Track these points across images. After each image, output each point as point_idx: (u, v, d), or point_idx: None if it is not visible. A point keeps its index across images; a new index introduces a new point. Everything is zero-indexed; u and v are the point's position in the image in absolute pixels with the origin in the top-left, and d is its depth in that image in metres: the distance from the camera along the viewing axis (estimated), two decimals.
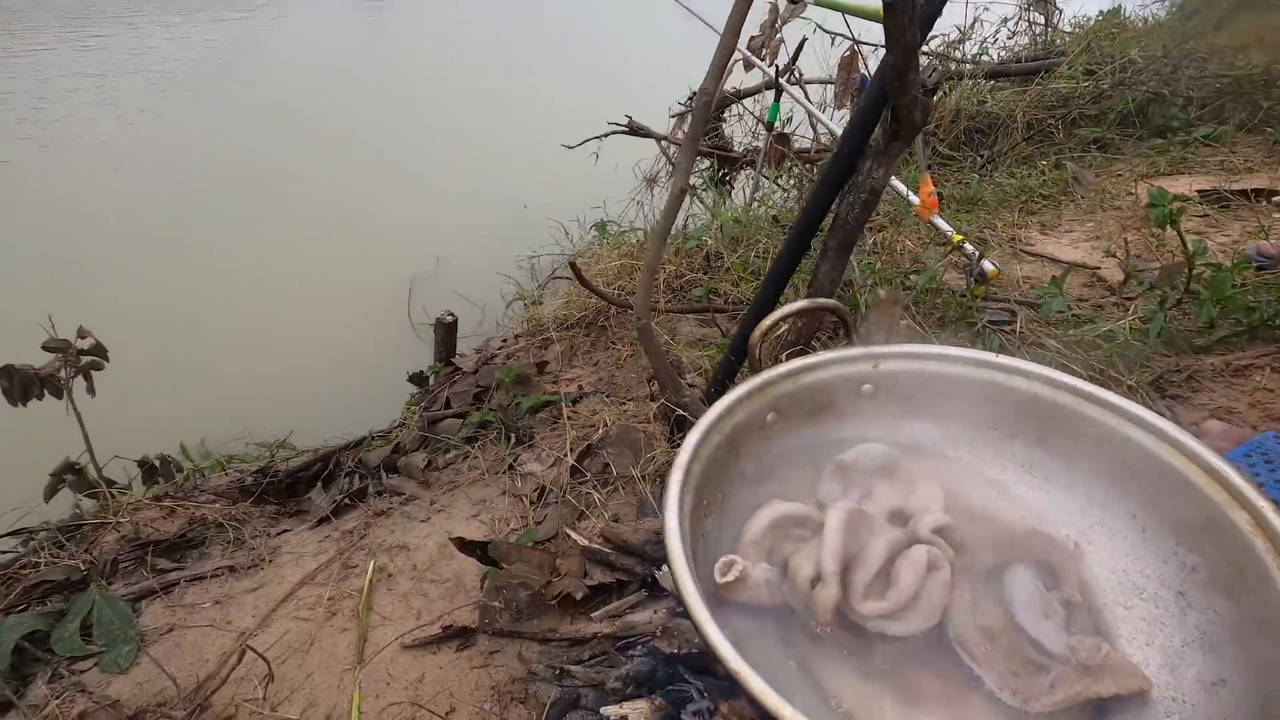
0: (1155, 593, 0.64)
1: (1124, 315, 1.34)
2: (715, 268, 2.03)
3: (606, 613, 0.98)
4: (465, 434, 1.70)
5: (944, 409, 0.79)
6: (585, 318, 2.09)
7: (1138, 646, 0.62)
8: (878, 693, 0.60)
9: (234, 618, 1.19)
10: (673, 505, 0.62)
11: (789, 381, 0.77)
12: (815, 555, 0.65)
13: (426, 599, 1.16)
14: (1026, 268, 1.77)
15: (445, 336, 2.11)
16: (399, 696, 0.96)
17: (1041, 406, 0.74)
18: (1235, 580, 0.58)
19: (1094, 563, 0.68)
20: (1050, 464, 0.75)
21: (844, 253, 1.03)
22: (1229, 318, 1.25)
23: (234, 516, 1.54)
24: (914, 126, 0.88)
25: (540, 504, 1.37)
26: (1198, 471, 0.62)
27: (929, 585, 0.64)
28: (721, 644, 0.49)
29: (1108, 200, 2.14)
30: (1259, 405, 1.13)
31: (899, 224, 1.99)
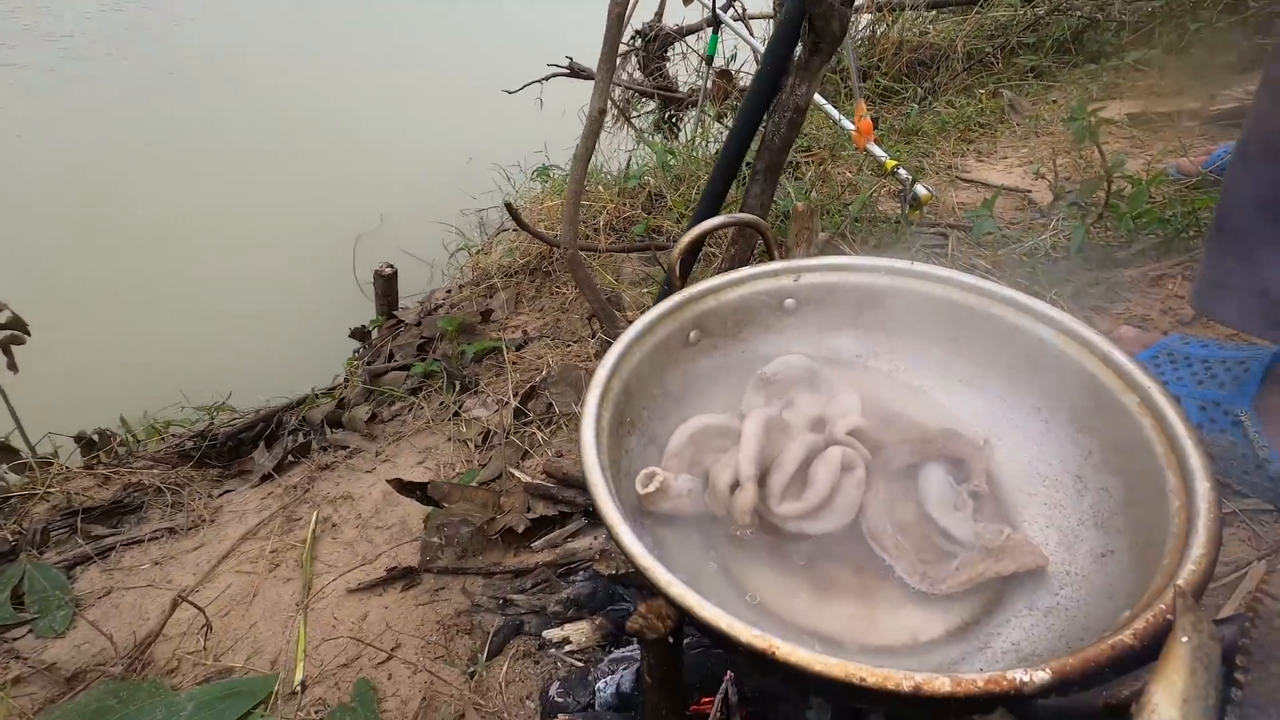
0: (1056, 478, 0.67)
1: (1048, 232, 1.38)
2: (658, 207, 2.01)
3: (547, 542, 0.99)
4: (410, 385, 1.68)
5: (865, 320, 0.81)
6: (529, 264, 2.06)
7: (1039, 528, 0.65)
8: (795, 587, 0.62)
9: (174, 576, 1.17)
10: (589, 420, 0.62)
11: (711, 298, 0.77)
12: (734, 463, 0.66)
13: (372, 545, 1.15)
14: (962, 194, 1.79)
15: (386, 289, 2.06)
16: (344, 639, 0.96)
17: (955, 311, 0.75)
18: (1124, 459, 0.61)
19: (1001, 455, 0.71)
20: (963, 367, 0.77)
21: (772, 174, 1.02)
22: (1146, 231, 1.30)
23: (174, 481, 1.50)
24: (833, 38, 0.87)
25: (486, 447, 1.36)
26: (1093, 360, 0.65)
27: (844, 484, 0.66)
28: (627, 537, 0.50)
29: (1042, 127, 2.17)
30: (1171, 312, 1.18)
31: (837, 156, 1.99)
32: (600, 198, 2.01)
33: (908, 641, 0.59)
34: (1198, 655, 0.32)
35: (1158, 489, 0.55)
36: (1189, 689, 0.32)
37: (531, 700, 0.82)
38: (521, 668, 0.87)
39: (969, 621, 0.60)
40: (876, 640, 0.59)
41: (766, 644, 0.44)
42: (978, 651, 0.57)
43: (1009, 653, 0.56)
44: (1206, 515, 0.49)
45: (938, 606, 0.61)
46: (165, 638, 1.03)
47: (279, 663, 0.95)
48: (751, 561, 0.65)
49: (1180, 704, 0.31)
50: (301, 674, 0.90)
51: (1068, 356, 0.67)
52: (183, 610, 1.07)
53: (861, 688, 0.41)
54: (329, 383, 1.96)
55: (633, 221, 1.96)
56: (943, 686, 0.41)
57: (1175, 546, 0.49)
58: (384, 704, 0.86)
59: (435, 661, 0.90)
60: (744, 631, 0.45)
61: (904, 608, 0.61)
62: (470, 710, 0.83)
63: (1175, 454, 0.55)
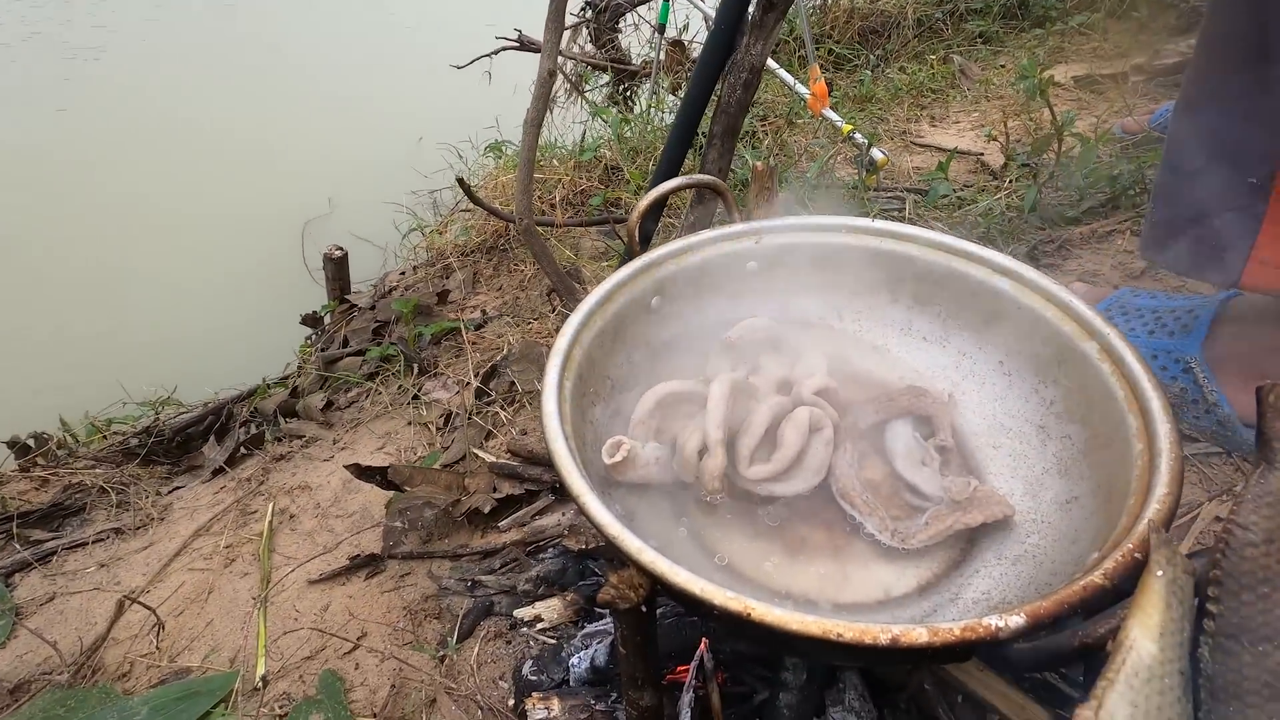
0: (1019, 430, 0.68)
1: (1002, 193, 1.39)
2: (615, 180, 1.98)
3: (514, 520, 0.97)
4: (366, 370, 1.63)
5: (828, 280, 0.80)
6: (486, 242, 2.01)
7: (1004, 479, 0.66)
8: (767, 549, 0.62)
9: (123, 578, 1.12)
10: (551, 390, 0.60)
11: (672, 263, 0.75)
12: (702, 428, 0.64)
13: (332, 534, 1.12)
14: (917, 159, 1.80)
15: (337, 273, 1.99)
16: (307, 630, 0.93)
17: (917, 268, 0.75)
18: (1086, 406, 0.61)
19: (966, 410, 0.71)
20: (927, 324, 0.77)
21: (729, 137, 1.00)
22: (1095, 188, 1.32)
23: (119, 480, 1.43)
24: None
25: (447, 429, 1.33)
26: (1053, 309, 0.65)
27: (813, 445, 0.65)
28: (594, 506, 0.48)
29: (992, 91, 2.19)
30: (1120, 266, 1.20)
31: (793, 124, 1.98)
32: (555, 172, 1.96)
33: (880, 597, 0.59)
34: (1172, 589, 0.32)
35: (1120, 433, 0.55)
36: (1165, 622, 0.32)
37: (505, 680, 0.81)
38: (493, 649, 0.85)
39: (939, 574, 0.60)
40: (849, 597, 0.59)
41: (741, 606, 0.43)
42: (949, 603, 0.57)
43: (979, 602, 0.57)
44: (1169, 454, 0.49)
45: (908, 561, 0.61)
46: (115, 641, 0.98)
47: (239, 660, 0.92)
48: (722, 526, 0.64)
49: (1158, 637, 0.31)
50: (263, 669, 0.87)
51: (1028, 308, 0.67)
52: (135, 612, 1.02)
53: (839, 643, 0.41)
54: (281, 372, 1.89)
55: (589, 195, 1.92)
56: (920, 637, 0.40)
57: (1140, 487, 0.49)
58: (352, 694, 0.84)
59: (403, 648, 0.88)
60: (717, 594, 0.43)
61: (875, 564, 0.61)
62: (442, 694, 0.81)
63: (1136, 397, 0.55)
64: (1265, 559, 0.32)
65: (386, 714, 0.80)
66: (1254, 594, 0.32)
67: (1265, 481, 0.33)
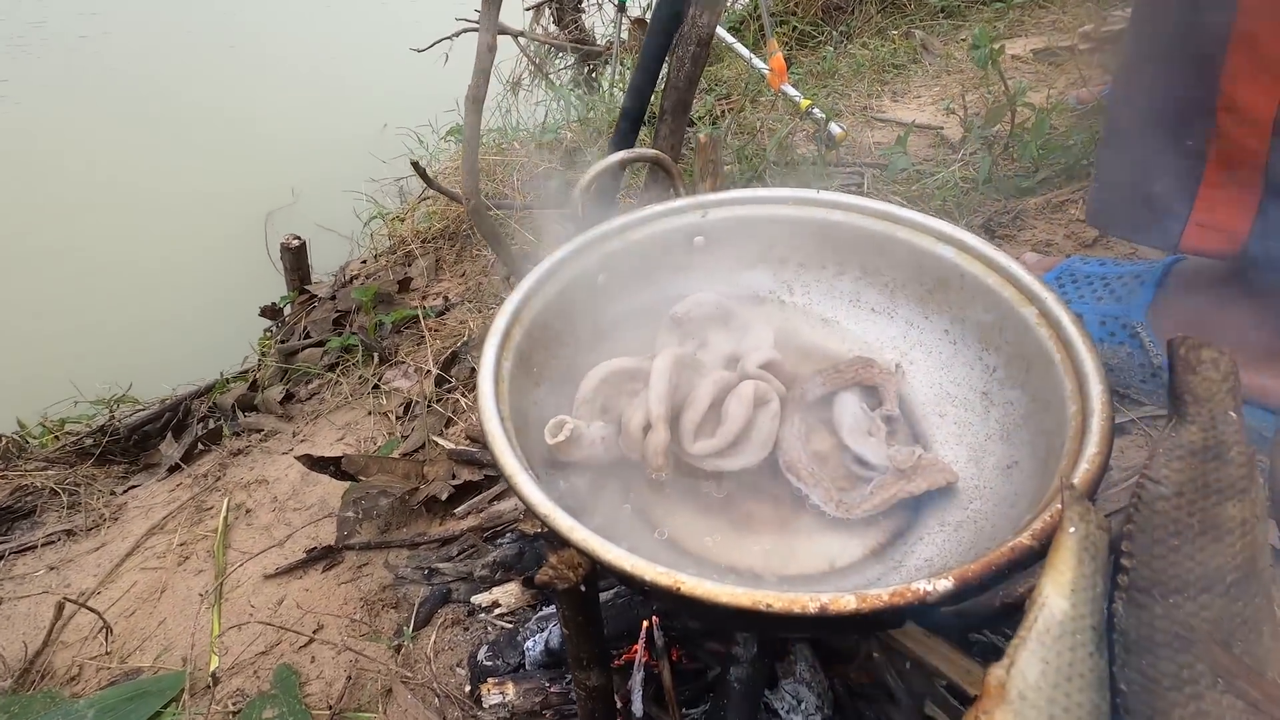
0: (964, 397, 0.68)
1: (959, 165, 1.39)
2: (577, 162, 1.95)
3: (471, 507, 0.96)
4: (327, 361, 1.60)
5: (776, 254, 0.79)
6: (449, 228, 1.98)
7: (950, 447, 0.66)
8: (712, 525, 0.61)
9: (73, 580, 1.09)
10: (488, 369, 0.58)
11: (617, 239, 0.74)
12: (645, 404, 0.63)
13: (289, 527, 1.09)
14: (878, 134, 1.80)
15: (295, 262, 1.95)
16: (261, 626, 0.91)
17: (863, 238, 0.74)
18: (1026, 371, 0.62)
19: (913, 379, 0.71)
20: (875, 295, 0.76)
21: (680, 113, 0.99)
22: (1049, 159, 1.32)
23: (71, 481, 1.39)
24: None
25: (408, 418, 1.31)
26: (994, 276, 0.65)
27: (759, 419, 0.65)
28: (525, 485, 0.48)
29: (953, 65, 2.19)
30: (1073, 236, 1.21)
31: (755, 102, 1.97)
32: (517, 154, 1.93)
33: (825, 568, 0.59)
34: (1084, 545, 0.32)
35: (1057, 396, 0.56)
36: (1077, 579, 0.31)
37: (461, 668, 0.80)
38: (450, 636, 0.84)
39: (884, 543, 0.60)
40: (795, 569, 0.58)
41: (671, 580, 0.42)
42: (893, 570, 0.57)
43: (922, 568, 0.57)
44: (1100, 415, 0.49)
45: (854, 531, 0.61)
46: (64, 645, 0.96)
47: (191, 658, 0.90)
48: (668, 504, 0.63)
49: (1069, 593, 0.31)
50: (215, 665, 0.85)
51: (971, 275, 0.67)
52: (85, 614, 1.00)
53: (769, 614, 0.40)
54: (240, 366, 1.85)
55: (550, 177, 1.90)
56: (848, 604, 0.40)
57: (1072, 449, 0.49)
58: (307, 687, 0.82)
59: (360, 639, 0.87)
60: (648, 570, 0.43)
61: (821, 535, 0.61)
62: (398, 684, 0.80)
63: (1071, 360, 0.56)
64: (1176, 512, 0.32)
65: (342, 706, 0.79)
66: (1165, 546, 0.32)
67: (1176, 435, 0.33)
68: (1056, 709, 0.30)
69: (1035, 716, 0.30)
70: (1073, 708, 0.30)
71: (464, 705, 0.77)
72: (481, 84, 0.83)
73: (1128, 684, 0.32)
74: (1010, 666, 0.30)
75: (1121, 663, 0.32)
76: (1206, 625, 0.31)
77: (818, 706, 0.63)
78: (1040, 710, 0.30)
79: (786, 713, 0.63)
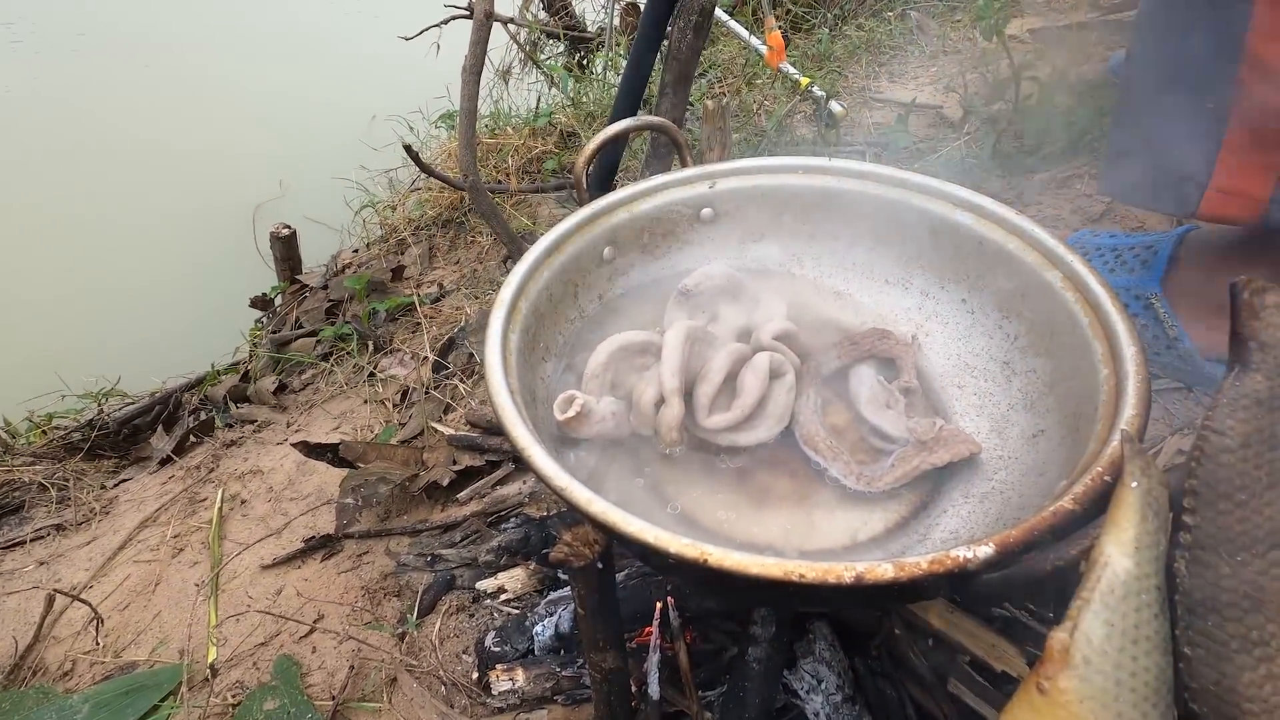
0: (984, 368, 0.66)
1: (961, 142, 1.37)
2: (572, 146, 1.92)
3: (473, 492, 0.93)
4: (320, 351, 1.57)
5: (786, 225, 0.77)
6: (441, 216, 1.95)
7: (970, 418, 0.64)
8: (730, 500, 0.59)
9: (64, 575, 1.06)
10: (495, 342, 0.56)
11: (623, 210, 0.72)
12: (658, 378, 0.61)
13: (286, 517, 1.07)
14: (876, 114, 1.77)
15: (286, 252, 1.91)
16: (259, 617, 0.89)
17: (877, 207, 0.72)
18: (1050, 338, 0.60)
19: (931, 351, 0.69)
20: (887, 267, 0.74)
21: (682, 85, 0.96)
22: (1053, 134, 1.31)
23: (61, 475, 1.36)
24: None
25: (405, 405, 1.28)
26: (1016, 241, 0.63)
27: (774, 391, 0.63)
28: (540, 458, 0.45)
29: (949, 46, 2.17)
30: (1080, 211, 1.20)
31: (753, 84, 1.94)
32: (510, 138, 1.90)
33: (847, 542, 0.57)
34: (1148, 500, 0.30)
35: (1086, 361, 0.54)
36: (1141, 535, 0.29)
37: (468, 654, 0.78)
38: (456, 623, 0.82)
39: (907, 516, 0.58)
40: (816, 544, 0.56)
41: (697, 552, 0.40)
42: (917, 543, 0.55)
43: (948, 541, 0.55)
44: (1135, 377, 0.48)
45: (875, 505, 0.59)
46: (55, 640, 0.93)
47: (188, 651, 0.87)
48: (683, 479, 0.61)
49: (1133, 551, 0.29)
50: (213, 657, 0.83)
51: (991, 241, 0.65)
52: (77, 609, 0.97)
53: (801, 585, 0.38)
54: (231, 357, 1.81)
55: (545, 161, 1.87)
56: (886, 573, 0.38)
57: (1107, 412, 0.47)
58: (308, 678, 0.80)
59: (362, 628, 0.84)
60: (673, 542, 0.41)
61: (841, 509, 0.59)
62: (403, 673, 0.77)
63: (1101, 323, 0.54)
64: (1242, 465, 0.30)
65: (346, 696, 0.77)
66: (1231, 502, 0.30)
67: (1240, 384, 0.31)
68: (1123, 673, 0.28)
69: (1101, 681, 0.28)
70: (1139, 671, 0.28)
71: (471, 692, 0.75)
72: (479, 55, 0.80)
73: (1192, 647, 0.30)
74: (1074, 629, 0.28)
75: (1185, 625, 0.30)
76: (1277, 584, 0.29)
77: (838, 685, 0.62)
78: (1106, 675, 0.28)
79: (806, 693, 0.61)
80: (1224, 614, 0.30)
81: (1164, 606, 0.30)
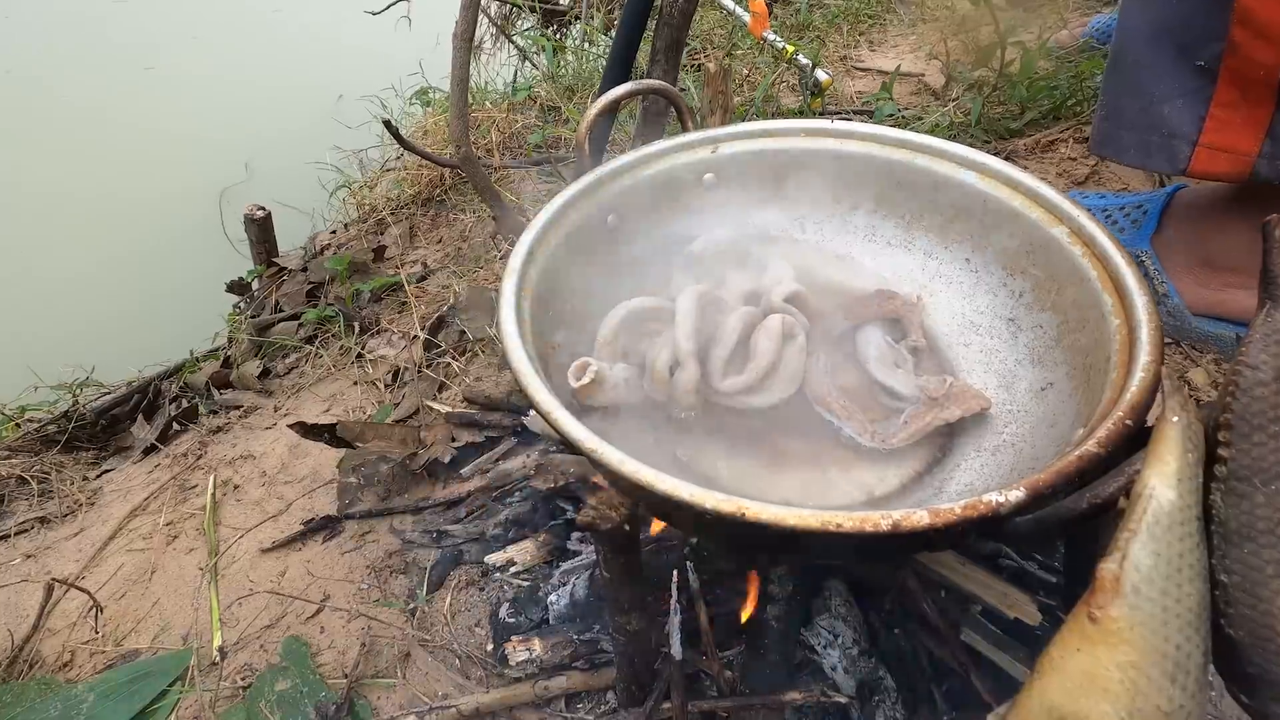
0: (990, 325, 0.67)
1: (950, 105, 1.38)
2: (553, 120, 1.89)
3: (476, 468, 0.93)
4: (304, 334, 1.54)
5: (789, 190, 0.77)
6: (421, 194, 1.91)
7: (978, 375, 0.65)
8: (747, 462, 0.60)
9: (53, 567, 1.03)
10: (509, 307, 0.55)
11: (626, 177, 0.71)
12: (671, 343, 0.61)
13: (282, 500, 1.05)
14: (859, 83, 1.77)
15: (261, 235, 1.86)
16: (264, 599, 0.88)
17: (879, 168, 0.72)
18: (1057, 293, 0.61)
19: (935, 310, 0.70)
20: (890, 229, 0.75)
21: (673, 53, 0.95)
22: (1036, 98, 1.32)
23: (39, 469, 1.32)
24: None
25: (396, 385, 1.26)
26: (1021, 198, 0.63)
27: (786, 353, 0.63)
28: (567, 421, 0.45)
29: (928, 13, 2.17)
30: (1065, 174, 1.21)
31: (734, 54, 1.92)
32: (489, 113, 1.86)
33: (863, 498, 0.58)
34: (1188, 434, 0.31)
35: (1095, 313, 0.55)
36: (1182, 469, 0.30)
37: (481, 627, 0.78)
38: (466, 597, 0.82)
39: (921, 471, 0.59)
40: (833, 501, 0.57)
41: (734, 506, 0.40)
42: (933, 497, 0.56)
43: (963, 493, 0.56)
44: (1148, 325, 0.49)
45: (890, 461, 0.60)
46: (51, 632, 0.91)
47: (192, 636, 0.86)
48: (699, 443, 0.61)
49: (1175, 484, 0.30)
50: (219, 640, 0.82)
51: (995, 199, 0.65)
52: (71, 600, 0.95)
53: (839, 534, 0.39)
54: (209, 344, 1.77)
55: (527, 137, 1.84)
56: (921, 520, 0.38)
57: (1122, 360, 0.49)
58: (319, 657, 0.79)
59: (371, 605, 0.84)
60: (708, 498, 0.41)
61: (856, 467, 0.60)
62: (416, 647, 0.77)
63: (1110, 276, 0.55)
64: (1275, 397, 0.31)
65: (359, 674, 0.77)
66: (1265, 434, 0.31)
67: (1272, 319, 0.32)
68: (1169, 600, 0.29)
69: (1150, 609, 0.29)
70: (1183, 598, 0.29)
71: (486, 664, 0.75)
72: (470, 19, 0.78)
73: (1228, 575, 0.31)
74: (1123, 560, 0.29)
75: (1221, 554, 0.31)
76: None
77: (854, 640, 0.63)
78: (1154, 601, 0.29)
79: (824, 648, 0.63)
80: (1259, 541, 0.31)
81: (1203, 537, 0.31)
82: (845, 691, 0.61)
